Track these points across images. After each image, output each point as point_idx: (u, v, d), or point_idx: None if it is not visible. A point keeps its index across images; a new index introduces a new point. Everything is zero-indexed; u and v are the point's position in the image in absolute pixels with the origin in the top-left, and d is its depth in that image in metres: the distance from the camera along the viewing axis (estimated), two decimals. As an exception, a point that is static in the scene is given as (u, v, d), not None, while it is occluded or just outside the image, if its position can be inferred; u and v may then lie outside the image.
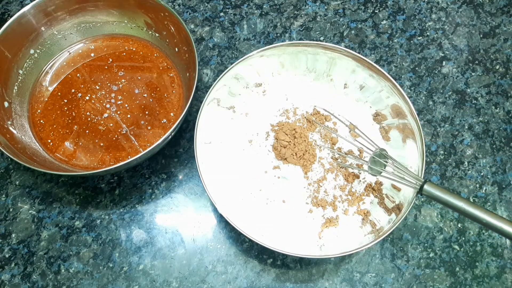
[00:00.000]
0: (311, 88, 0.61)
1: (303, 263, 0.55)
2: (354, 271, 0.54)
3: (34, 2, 0.59)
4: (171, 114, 0.61)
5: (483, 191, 0.59)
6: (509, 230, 0.40)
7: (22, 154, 0.54)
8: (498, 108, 0.64)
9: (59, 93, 0.62)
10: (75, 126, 0.60)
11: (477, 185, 0.59)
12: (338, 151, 0.57)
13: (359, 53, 0.61)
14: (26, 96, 0.62)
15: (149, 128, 0.60)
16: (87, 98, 0.62)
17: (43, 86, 0.63)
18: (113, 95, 0.62)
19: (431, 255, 0.55)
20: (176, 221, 0.57)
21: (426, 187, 0.45)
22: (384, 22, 0.70)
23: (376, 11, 0.71)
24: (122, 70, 0.64)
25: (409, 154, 0.54)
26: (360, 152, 0.57)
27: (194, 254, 0.55)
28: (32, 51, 0.62)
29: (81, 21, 0.64)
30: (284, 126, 0.57)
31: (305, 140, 0.57)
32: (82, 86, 0.63)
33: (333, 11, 0.71)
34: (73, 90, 0.62)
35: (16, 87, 0.60)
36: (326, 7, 0.71)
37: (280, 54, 0.58)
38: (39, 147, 0.59)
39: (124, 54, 0.65)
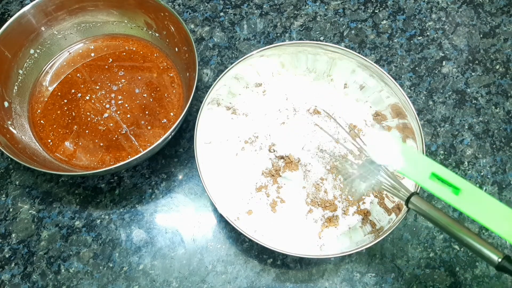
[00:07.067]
0: (311, 88, 0.61)
1: (303, 263, 0.55)
2: (354, 271, 0.54)
3: (34, 2, 0.59)
4: (171, 114, 0.61)
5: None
6: (488, 255, 0.40)
7: (22, 154, 0.54)
8: (498, 108, 0.64)
9: (59, 93, 0.62)
10: (75, 126, 0.60)
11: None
12: (334, 155, 0.57)
13: (359, 53, 0.61)
14: (26, 96, 0.62)
15: (149, 128, 0.60)
16: (87, 98, 0.62)
17: (43, 86, 0.63)
18: (113, 95, 0.62)
19: (431, 255, 0.55)
20: (176, 221, 0.57)
21: (412, 199, 0.44)
22: (384, 22, 0.70)
23: (376, 11, 0.71)
24: (122, 70, 0.64)
25: (409, 154, 0.54)
26: (360, 152, 0.57)
27: (194, 254, 0.55)
28: (32, 51, 0.62)
29: (81, 21, 0.64)
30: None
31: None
32: (82, 86, 0.63)
33: (333, 11, 0.71)
34: (73, 90, 0.62)
35: (16, 87, 0.60)
36: (326, 7, 0.71)
37: (280, 54, 0.58)
38: (39, 147, 0.59)
39: (124, 54, 0.65)
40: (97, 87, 0.63)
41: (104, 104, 0.61)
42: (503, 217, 0.38)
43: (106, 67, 0.64)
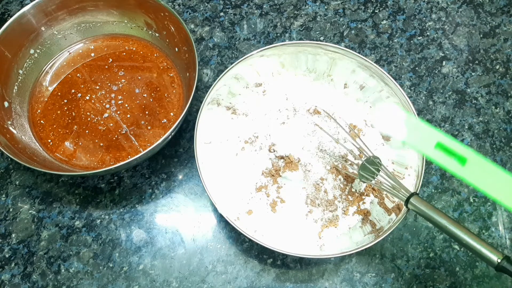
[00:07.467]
0: (311, 88, 0.61)
1: (303, 263, 0.55)
2: (354, 271, 0.54)
3: (34, 2, 0.59)
4: (171, 114, 0.61)
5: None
6: (488, 255, 0.40)
7: (22, 154, 0.54)
8: (498, 108, 0.64)
9: (59, 93, 0.62)
10: (75, 126, 0.60)
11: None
12: (334, 155, 0.57)
13: (359, 53, 0.61)
14: (26, 96, 0.62)
15: (149, 128, 0.60)
16: (87, 98, 0.62)
17: (43, 86, 0.63)
18: (113, 95, 0.62)
19: (431, 255, 0.55)
20: (176, 221, 0.57)
21: (412, 200, 0.45)
22: (384, 22, 0.70)
23: (376, 11, 0.71)
24: (122, 70, 0.64)
25: (409, 154, 0.54)
26: (360, 152, 0.57)
27: (194, 254, 0.55)
28: (32, 51, 0.62)
29: (81, 21, 0.64)
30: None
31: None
32: (82, 86, 0.63)
33: (333, 11, 0.71)
34: (73, 90, 0.62)
35: (16, 87, 0.60)
36: (326, 7, 0.71)
37: (280, 54, 0.58)
38: (39, 147, 0.59)
39: (124, 54, 0.65)
40: (97, 87, 0.63)
41: (104, 104, 0.61)
42: (511, 188, 0.36)
43: (106, 67, 0.64)
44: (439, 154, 0.38)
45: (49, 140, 0.59)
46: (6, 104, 0.58)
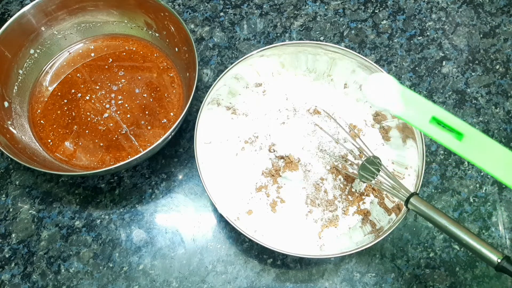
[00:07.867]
0: (311, 88, 0.61)
1: (303, 263, 0.55)
2: (354, 271, 0.54)
3: (34, 2, 0.59)
4: (171, 114, 0.61)
5: (483, 191, 0.59)
6: (488, 255, 0.40)
7: (22, 154, 0.54)
8: (498, 108, 0.64)
9: (59, 93, 0.62)
10: (75, 126, 0.60)
11: (477, 185, 0.59)
12: (334, 155, 0.57)
13: (359, 53, 0.61)
14: (26, 96, 0.62)
15: (149, 128, 0.60)
16: (87, 98, 0.62)
17: (43, 86, 0.63)
18: (113, 95, 0.62)
19: (431, 255, 0.55)
20: (176, 221, 0.57)
21: (411, 200, 0.45)
22: (384, 22, 0.70)
23: (376, 11, 0.71)
24: (122, 70, 0.64)
25: (409, 154, 0.54)
26: (360, 152, 0.57)
27: (194, 254, 0.55)
28: (32, 51, 0.62)
29: (81, 21, 0.64)
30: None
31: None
32: (82, 86, 0.63)
33: (333, 11, 0.71)
34: (73, 90, 0.62)
35: (16, 87, 0.60)
36: (326, 7, 0.71)
37: (280, 54, 0.58)
38: (39, 147, 0.59)
39: (124, 54, 0.65)
40: (97, 87, 0.63)
41: (104, 104, 0.61)
42: (510, 163, 0.34)
43: (106, 67, 0.64)
44: (434, 129, 0.35)
45: (49, 140, 0.59)
46: (6, 104, 0.58)
